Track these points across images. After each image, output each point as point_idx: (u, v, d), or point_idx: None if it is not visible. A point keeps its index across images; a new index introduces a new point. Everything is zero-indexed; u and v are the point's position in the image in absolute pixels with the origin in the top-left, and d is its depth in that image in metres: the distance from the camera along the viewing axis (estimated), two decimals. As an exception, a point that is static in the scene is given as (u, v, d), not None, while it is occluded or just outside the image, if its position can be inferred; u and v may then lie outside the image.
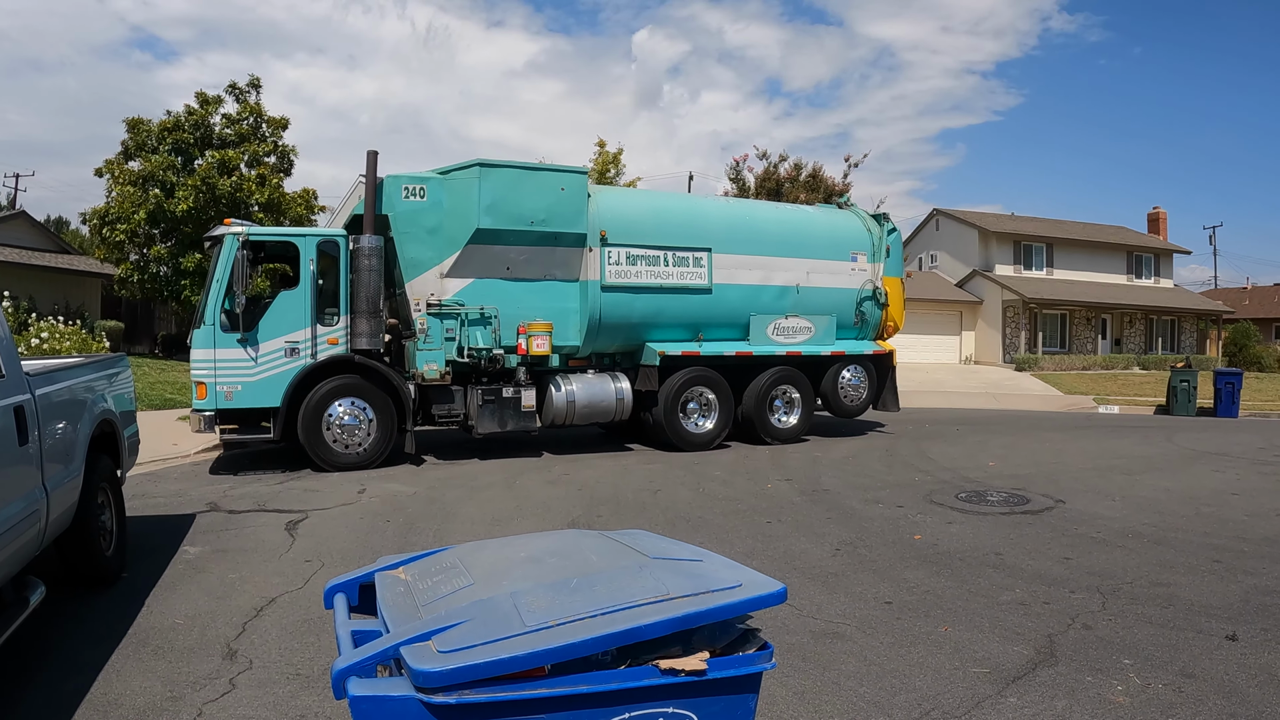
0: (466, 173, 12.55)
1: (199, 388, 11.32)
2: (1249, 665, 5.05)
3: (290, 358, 11.67)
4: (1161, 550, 7.82)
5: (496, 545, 3.05)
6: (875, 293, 15.92)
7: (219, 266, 11.50)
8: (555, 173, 13.33)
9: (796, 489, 10.68)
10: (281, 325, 11.66)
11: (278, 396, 11.53)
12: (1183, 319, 48.31)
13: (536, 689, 2.12)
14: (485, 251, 12.67)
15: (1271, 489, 11.24)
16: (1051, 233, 45.04)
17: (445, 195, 12.46)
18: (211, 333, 11.33)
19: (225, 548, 7.48)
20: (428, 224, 12.44)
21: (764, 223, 15.41)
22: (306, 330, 11.77)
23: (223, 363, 11.37)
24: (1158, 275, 48.99)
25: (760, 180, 34.26)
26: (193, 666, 4.86)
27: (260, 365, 11.54)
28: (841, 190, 33.43)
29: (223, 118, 25.91)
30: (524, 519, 8.84)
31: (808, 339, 15.11)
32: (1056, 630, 5.61)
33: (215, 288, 11.45)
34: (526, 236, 12.83)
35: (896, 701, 4.51)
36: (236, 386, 11.41)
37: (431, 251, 12.49)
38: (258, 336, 11.52)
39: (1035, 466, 12.81)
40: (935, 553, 7.62)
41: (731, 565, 2.66)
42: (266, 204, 24.73)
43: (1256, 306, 58.67)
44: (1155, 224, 53.64)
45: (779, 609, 5.85)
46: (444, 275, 12.54)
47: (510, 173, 12.82)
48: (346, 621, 2.71)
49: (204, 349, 11.34)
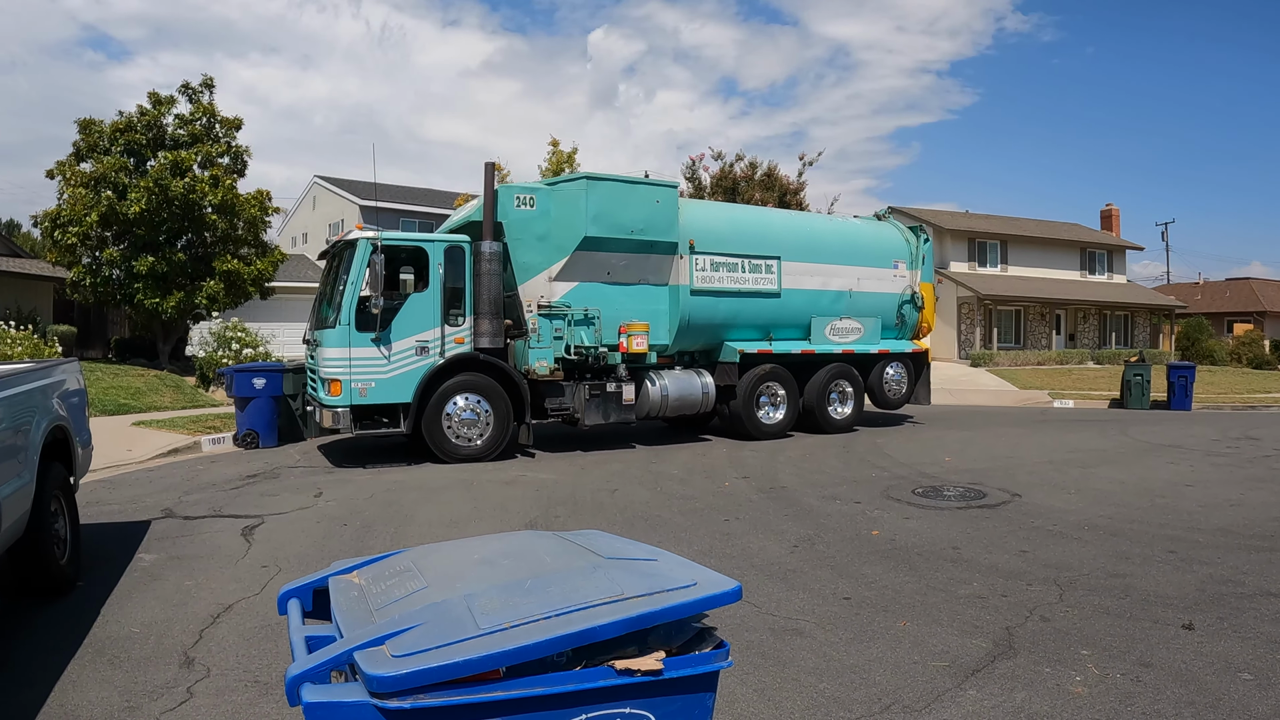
0: (573, 185, 13.61)
1: (333, 385, 11.97)
2: (1205, 653, 5.12)
3: (420, 356, 12.44)
4: (1117, 542, 7.92)
5: (450, 547, 3.04)
6: (914, 297, 17.68)
7: (352, 269, 12.10)
8: (651, 186, 14.31)
9: (754, 487, 10.72)
10: (412, 325, 12.40)
11: (409, 392, 12.29)
12: (1136, 314, 48.92)
13: (491, 692, 2.11)
14: (590, 257, 13.62)
15: (1225, 480, 11.41)
16: (1006, 230, 45.41)
17: (553, 205, 13.41)
18: (346, 332, 12.02)
19: (181, 554, 7.38)
20: (537, 231, 13.32)
21: (821, 233, 16.90)
22: (436, 330, 12.57)
23: (358, 361, 12.07)
24: (1111, 271, 49.59)
25: (716, 180, 34.32)
26: (150, 676, 4.80)
27: (393, 363, 12.27)
28: (796, 189, 33.66)
29: (175, 118, 25.54)
30: (481, 521, 8.79)
31: (858, 339, 16.65)
32: (1014, 622, 5.66)
33: (349, 290, 12.08)
34: (626, 244, 13.85)
35: (856, 696, 4.52)
36: (370, 383, 12.12)
37: (540, 257, 13.39)
38: (390, 336, 12.24)
39: (991, 461, 12.93)
40: (893, 548, 7.67)
41: (686, 564, 2.66)
42: (220, 205, 24.41)
43: (1208, 301, 59.48)
44: (1108, 221, 54.32)
45: (738, 606, 5.86)
46: (552, 279, 13.44)
47: (612, 185, 13.82)
48: (301, 627, 2.69)
49: (338, 348, 12.04)
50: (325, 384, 12.07)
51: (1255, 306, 56.83)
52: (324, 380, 12.12)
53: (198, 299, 24.37)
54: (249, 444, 13.80)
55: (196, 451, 13.61)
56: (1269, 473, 11.97)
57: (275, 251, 27.16)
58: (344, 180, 42.63)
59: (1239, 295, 60.00)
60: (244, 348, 21.12)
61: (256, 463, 12.38)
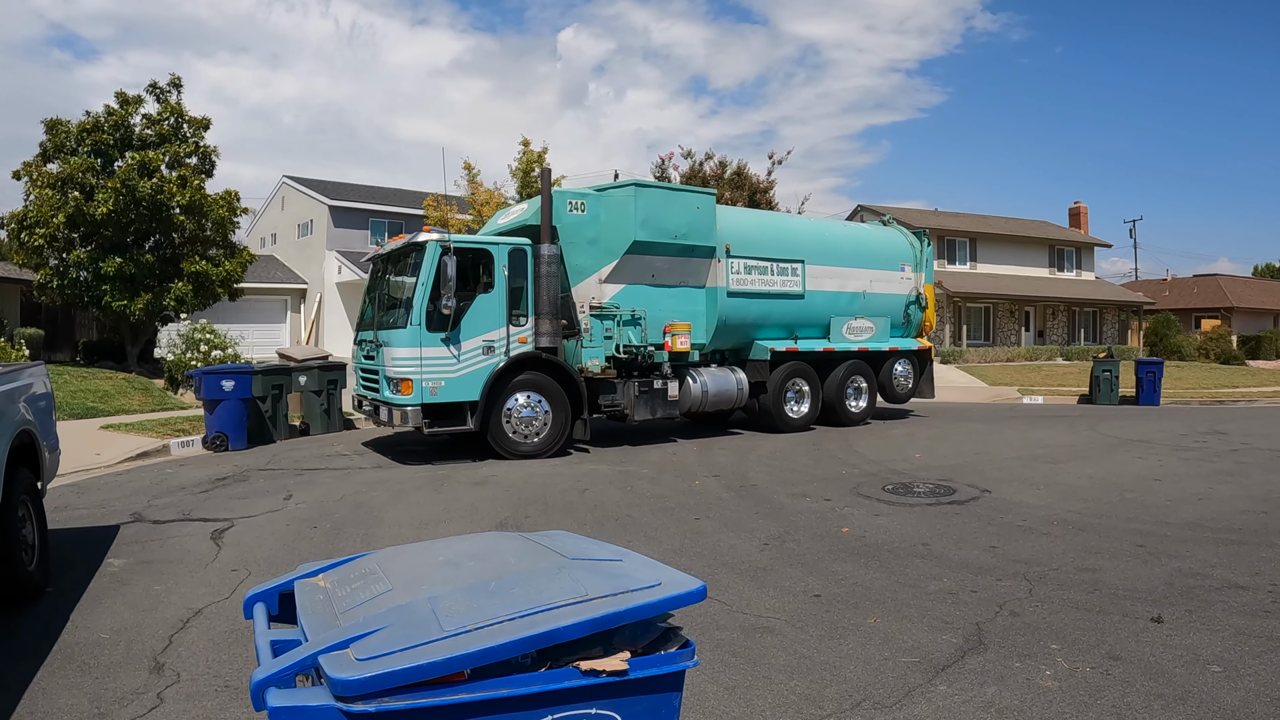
0: (622, 191, 14.19)
1: (403, 384, 12.22)
2: (1174, 646, 5.17)
3: (487, 355, 12.77)
4: (1086, 536, 7.98)
5: (416, 549, 3.03)
6: (919, 297, 18.82)
7: (423, 271, 12.33)
8: (692, 193, 15.28)
9: (724, 485, 10.74)
10: (479, 325, 12.72)
11: (477, 391, 12.61)
12: (1105, 310, 49.35)
13: (456, 694, 2.11)
14: (637, 260, 14.19)
15: (1193, 474, 11.52)
16: (975, 228, 45.71)
17: (602, 210, 14.04)
18: (418, 333, 12.24)
19: (150, 559, 7.33)
20: (588, 235, 13.92)
21: (838, 238, 17.97)
22: (501, 330, 12.91)
23: (428, 360, 12.32)
24: (1080, 268, 50.01)
25: (685, 179, 34.36)
26: (119, 682, 4.76)
27: (462, 362, 12.57)
28: (766, 187, 33.79)
29: (143, 118, 25.35)
30: (452, 522, 8.77)
31: (870, 337, 17.65)
32: (984, 618, 5.70)
33: (420, 291, 12.29)
34: (669, 248, 14.49)
35: (827, 694, 4.54)
36: (440, 382, 12.39)
37: (591, 259, 13.96)
38: (460, 336, 12.53)
39: (961, 457, 13.01)
40: (863, 545, 7.70)
41: (651, 564, 2.67)
42: (188, 206, 24.25)
43: (1176, 298, 60.01)
44: (1077, 218, 54.78)
45: (708, 604, 5.89)
46: (602, 281, 14.02)
47: (659, 192, 14.75)
48: (266, 631, 2.68)
49: (409, 348, 12.27)
50: (395, 383, 12.32)
51: (1223, 303, 57.37)
52: (393, 380, 12.34)
53: (166, 301, 24.22)
54: (218, 447, 13.71)
55: (165, 455, 13.51)
56: (1236, 467, 12.09)
57: (244, 252, 27.03)
58: (313, 180, 42.35)
59: (1207, 291, 60.55)
60: (213, 350, 20.98)
61: (226, 465, 12.30)
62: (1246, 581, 6.50)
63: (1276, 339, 54.17)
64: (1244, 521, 8.60)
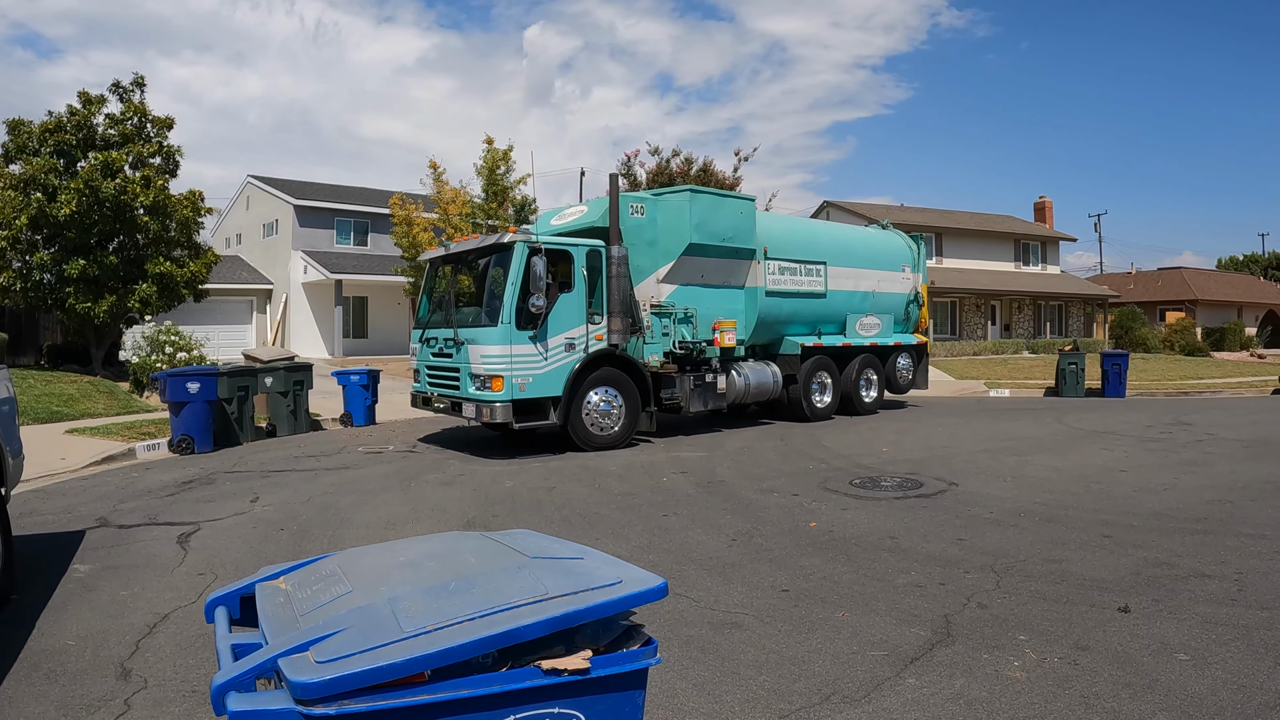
0: (678, 196, 15.15)
1: (494, 381, 12.63)
2: (1141, 635, 5.22)
3: (568, 352, 13.32)
4: (1053, 528, 8.05)
5: (377, 551, 3.01)
6: (917, 296, 20.45)
7: (512, 270, 12.79)
8: (737, 199, 16.28)
9: (692, 481, 10.77)
10: (562, 323, 13.27)
11: (560, 386, 13.18)
12: (1070, 304, 49.76)
13: (417, 695, 2.10)
14: (690, 262, 15.10)
15: (1158, 465, 11.64)
16: (941, 223, 45.97)
17: (659, 214, 14.88)
18: (509, 331, 12.67)
19: (116, 564, 7.26)
20: (647, 237, 14.71)
21: (852, 241, 19.41)
22: (581, 327, 13.48)
23: (517, 358, 12.76)
24: (1045, 262, 50.41)
25: (652, 176, 34.38)
26: (86, 689, 4.71)
27: (548, 359, 13.09)
28: (732, 184, 33.96)
29: (106, 118, 25.09)
30: (420, 522, 8.74)
31: (878, 333, 19.21)
32: (952, 610, 5.73)
33: (510, 290, 12.74)
34: (718, 250, 15.44)
35: (796, 688, 4.55)
36: (528, 379, 12.87)
37: (649, 260, 14.78)
38: (546, 334, 13.03)
39: (928, 451, 13.09)
40: (831, 539, 7.74)
41: (612, 562, 2.66)
42: (152, 207, 24.03)
43: (1141, 291, 60.62)
44: (1042, 213, 55.23)
45: (676, 600, 5.90)
46: (660, 281, 14.90)
47: (710, 198, 15.58)
48: (227, 635, 2.66)
49: (499, 345, 12.68)
50: (484, 380, 12.70)
51: (1187, 295, 58.01)
52: (482, 376, 12.73)
53: (130, 302, 23.99)
54: (184, 450, 13.60)
55: (131, 458, 13.38)
56: (1201, 457, 12.23)
57: (209, 253, 26.81)
58: (278, 180, 42.03)
59: (1171, 284, 61.22)
60: (178, 351, 20.76)
61: (192, 469, 12.21)
62: (1213, 570, 6.57)
63: (1240, 331, 54.85)
64: (1209, 511, 8.70)
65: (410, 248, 28.54)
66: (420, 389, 14.59)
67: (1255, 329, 60.72)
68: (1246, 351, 52.17)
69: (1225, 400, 23.75)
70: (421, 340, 14.48)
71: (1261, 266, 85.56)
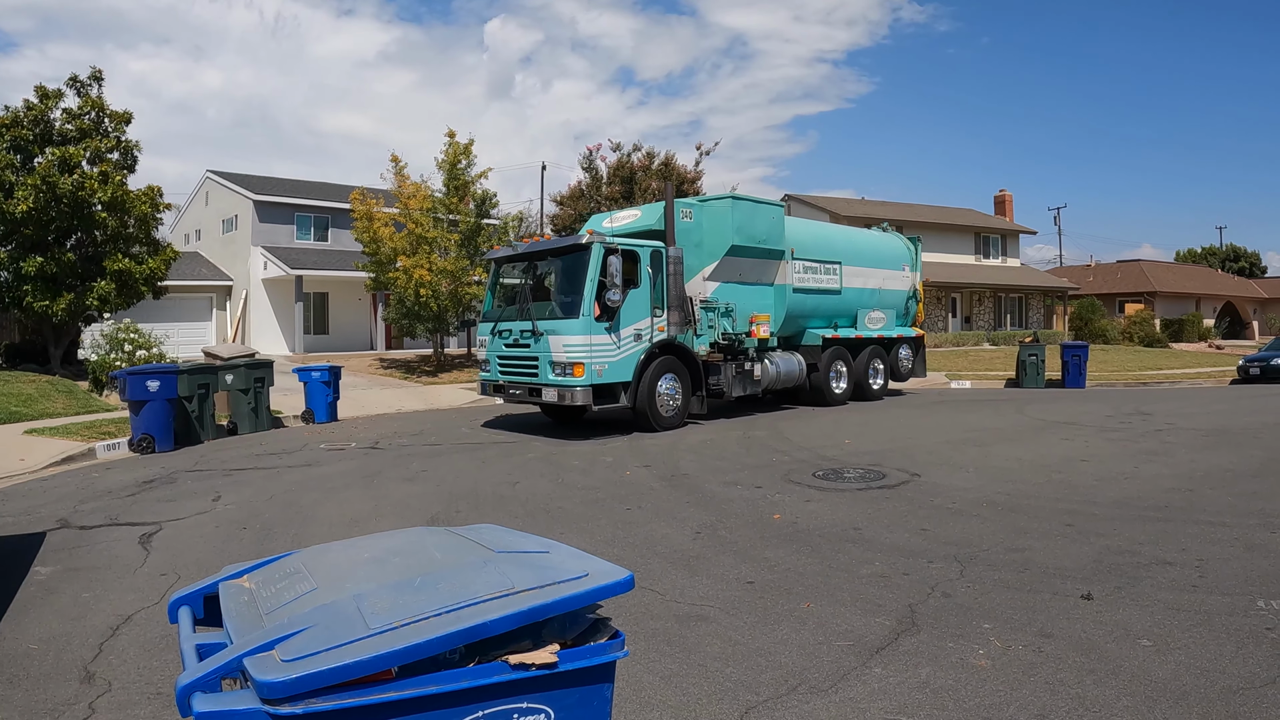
0: (721, 202, 16.80)
1: (576, 368, 13.92)
2: (1104, 622, 5.27)
3: (637, 342, 14.76)
4: (1016, 517, 8.11)
5: (341, 547, 2.99)
6: (915, 292, 22.34)
7: (590, 268, 14.09)
8: (770, 205, 17.92)
9: (655, 475, 10.79)
10: (632, 316, 14.65)
11: (630, 372, 14.62)
12: (1030, 296, 50.21)
13: (384, 693, 2.08)
14: (731, 262, 16.67)
15: (1119, 454, 11.76)
16: (902, 215, 46.18)
17: (704, 218, 16.49)
18: (588, 322, 13.99)
19: (78, 566, 7.18)
20: (694, 239, 16.22)
21: (861, 242, 21.12)
22: (648, 320, 14.96)
23: (596, 346, 14.07)
24: (1005, 255, 50.85)
25: (613, 170, 34.39)
26: (49, 693, 4.65)
27: (620, 348, 14.45)
28: (694, 178, 34.07)
29: (63, 112, 24.78)
30: (383, 519, 8.70)
31: (883, 326, 20.92)
32: (917, 600, 5.77)
33: (589, 285, 14.02)
34: (754, 251, 17.04)
35: (763, 679, 4.57)
36: (605, 366, 14.22)
37: (696, 260, 16.27)
38: (619, 325, 14.42)
39: (891, 442, 13.17)
40: (795, 531, 7.77)
41: (578, 555, 2.66)
42: (110, 203, 23.76)
43: (1100, 283, 61.24)
44: (1002, 206, 55.71)
45: (642, 594, 5.91)
46: (705, 279, 16.46)
47: (749, 204, 17.12)
48: (191, 635, 2.63)
49: (580, 335, 13.97)
50: (566, 367, 13.97)
51: (1146, 287, 58.67)
52: (563, 364, 14.00)
53: (89, 300, 23.72)
54: (144, 449, 13.48)
55: (91, 458, 13.25)
56: (1161, 446, 12.37)
57: (168, 249, 26.54)
58: (238, 175, 41.57)
59: (1130, 276, 61.89)
60: (137, 350, 20.54)
61: (153, 468, 12.10)
62: (1174, 558, 6.64)
63: (1198, 322, 55.63)
64: (1169, 499, 8.79)
65: (371, 242, 28.37)
66: (490, 378, 15.80)
67: (1213, 320, 61.69)
68: (1205, 342, 52.98)
69: (1184, 390, 24.08)
70: (492, 333, 15.62)
71: (1219, 259, 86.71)
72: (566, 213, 36.83)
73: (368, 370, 29.47)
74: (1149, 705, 4.16)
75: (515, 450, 13.15)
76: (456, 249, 28.79)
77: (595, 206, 34.97)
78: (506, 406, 20.03)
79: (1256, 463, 10.92)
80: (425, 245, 28.05)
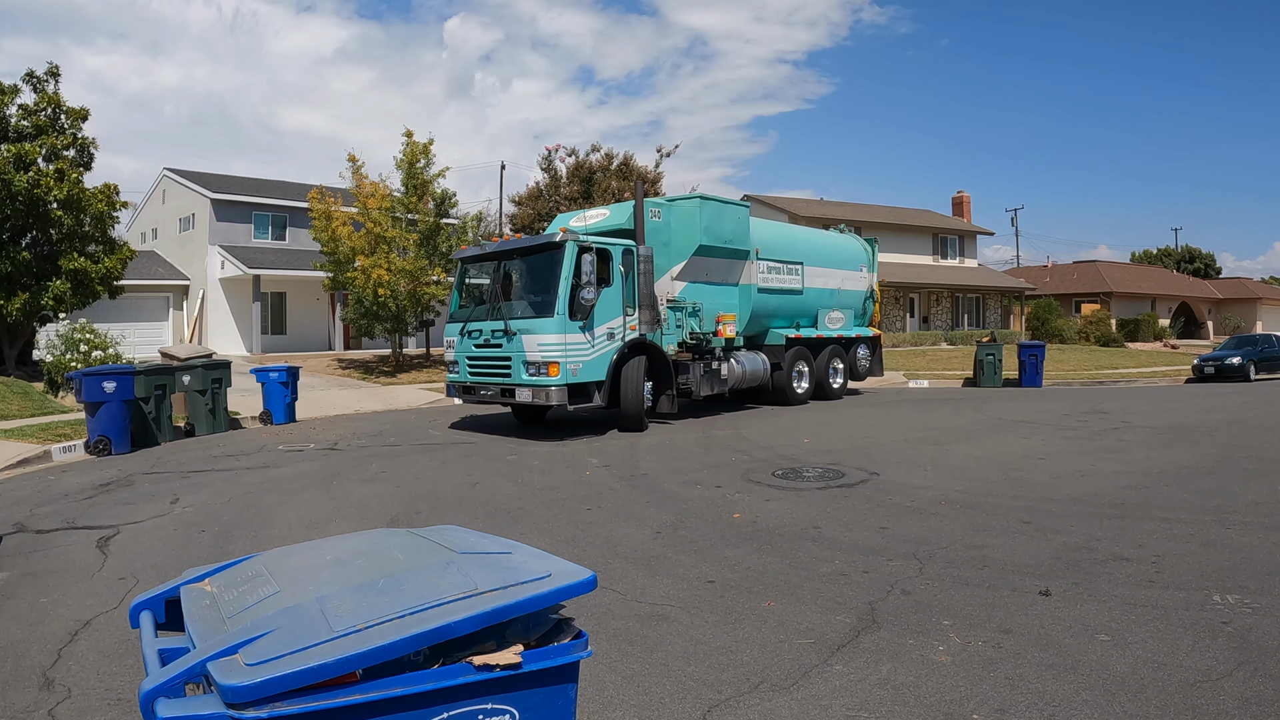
0: (689, 202, 16.85)
1: (551, 367, 13.80)
2: (1062, 617, 5.34)
3: (610, 341, 14.71)
4: (974, 515, 8.21)
5: (303, 550, 2.98)
6: (872, 293, 22.76)
7: (564, 266, 14.02)
8: (736, 205, 17.91)
9: (615, 475, 10.81)
10: (604, 315, 14.60)
11: (603, 371, 14.56)
12: (987, 296, 50.66)
13: (349, 696, 2.09)
14: (699, 262, 16.77)
15: (1075, 452, 11.91)
16: (860, 216, 46.45)
17: (673, 218, 16.53)
18: (563, 321, 13.88)
19: (35, 570, 7.09)
20: (663, 239, 16.33)
21: (821, 243, 21.45)
22: (620, 319, 14.93)
23: (570, 346, 13.98)
24: (963, 255, 51.28)
25: (572, 171, 34.41)
26: (8, 700, 4.58)
27: (594, 347, 14.39)
28: (654, 178, 34.15)
29: (19, 109, 24.45)
30: (343, 520, 8.65)
31: (842, 326, 21.25)
32: (877, 597, 5.81)
33: (564, 284, 13.93)
34: (721, 251, 17.16)
35: (725, 678, 4.59)
36: (579, 365, 14.11)
37: (664, 260, 16.37)
38: (593, 324, 14.33)
39: (849, 442, 13.26)
40: (755, 530, 7.81)
41: (541, 555, 2.68)
42: (66, 201, 23.46)
43: (1057, 283, 61.89)
44: (960, 207, 56.15)
45: (603, 594, 5.92)
46: (673, 278, 16.54)
47: (716, 205, 17.18)
48: (154, 640, 2.62)
49: (555, 334, 13.85)
50: (540, 366, 13.86)
51: (1102, 287, 59.35)
52: (537, 363, 13.89)
53: (44, 300, 23.42)
54: (101, 451, 13.33)
55: (47, 461, 13.08)
56: (1117, 444, 12.54)
57: (124, 248, 26.25)
58: (195, 173, 41.11)
59: (1086, 277, 62.58)
60: (93, 350, 20.29)
61: (110, 470, 11.96)
62: (1130, 553, 6.75)
63: (1154, 322, 56.32)
64: (1126, 496, 8.93)
65: (330, 242, 28.19)
66: (459, 379, 15.54)
67: (1169, 320, 62.49)
68: (1160, 342, 53.66)
69: (1140, 389, 24.41)
70: (461, 333, 15.36)
71: (1174, 260, 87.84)
72: (525, 212, 36.83)
73: (326, 371, 29.26)
74: (1108, 699, 4.22)
75: (475, 451, 13.12)
76: (415, 248, 28.69)
77: (554, 207, 34.99)
78: (466, 407, 19.96)
79: (1211, 460, 11.10)
80: (384, 245, 27.93)
